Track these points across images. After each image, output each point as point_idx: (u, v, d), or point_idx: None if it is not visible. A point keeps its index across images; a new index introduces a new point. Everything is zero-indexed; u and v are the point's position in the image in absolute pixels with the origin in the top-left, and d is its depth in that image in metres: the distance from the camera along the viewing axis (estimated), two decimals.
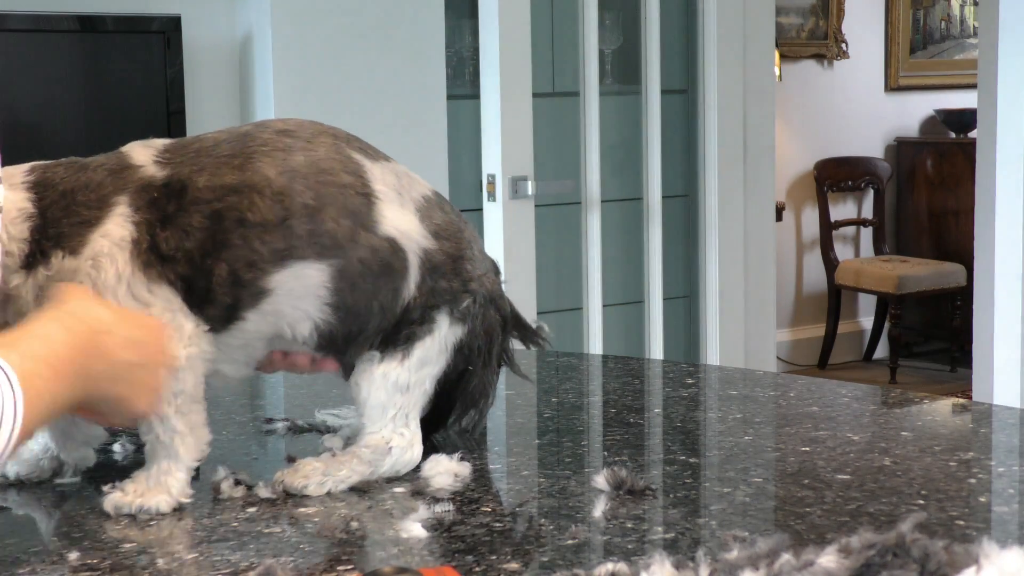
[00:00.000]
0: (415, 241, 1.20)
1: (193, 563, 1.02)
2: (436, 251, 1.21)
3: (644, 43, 3.66)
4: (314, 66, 3.30)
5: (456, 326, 1.23)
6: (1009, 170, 3.24)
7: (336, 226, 1.15)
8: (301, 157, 1.16)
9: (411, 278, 1.20)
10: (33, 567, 1.01)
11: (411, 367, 1.21)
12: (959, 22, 6.68)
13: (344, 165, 1.18)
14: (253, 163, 1.15)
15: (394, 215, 1.18)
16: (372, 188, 1.18)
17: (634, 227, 3.79)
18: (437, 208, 1.24)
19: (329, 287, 1.16)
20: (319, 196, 1.15)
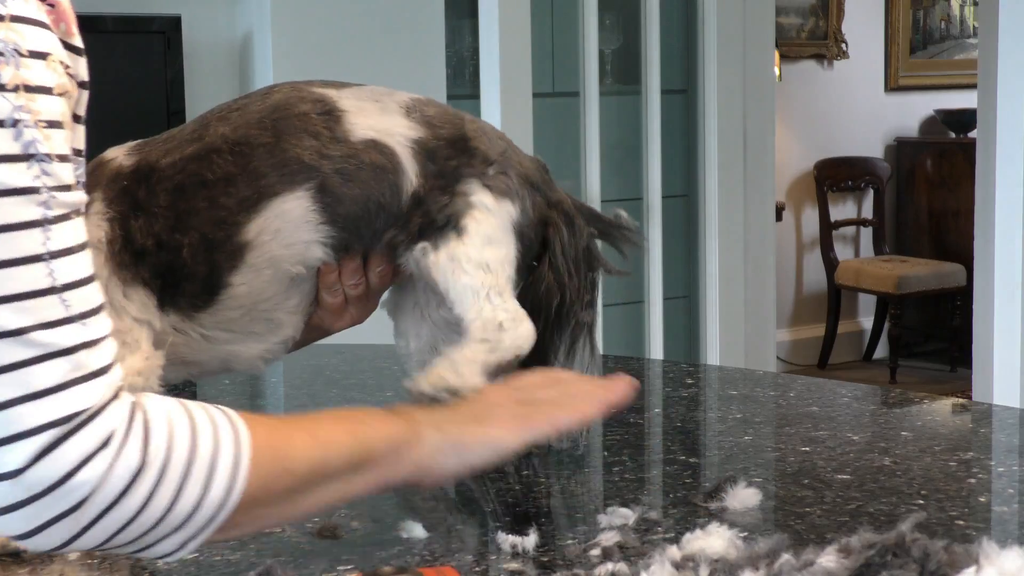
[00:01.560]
0: (400, 135, 1.14)
1: (193, 563, 1.02)
2: (430, 137, 1.15)
3: (644, 43, 3.66)
4: (314, 66, 3.30)
5: (503, 201, 1.14)
6: (1009, 170, 3.24)
7: (300, 150, 1.11)
8: (256, 106, 1.14)
9: (408, 170, 1.13)
10: (33, 567, 1.01)
11: (475, 243, 1.13)
12: (959, 22, 6.68)
13: (301, 98, 1.14)
14: (210, 129, 1.13)
15: (367, 120, 1.13)
16: (336, 106, 1.14)
17: None
18: (429, 105, 1.18)
19: (315, 208, 1.11)
20: (277, 131, 1.12)
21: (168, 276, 1.10)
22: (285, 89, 1.16)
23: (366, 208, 1.12)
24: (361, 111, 1.14)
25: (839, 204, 6.37)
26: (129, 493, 0.82)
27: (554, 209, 1.18)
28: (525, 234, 1.15)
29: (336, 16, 3.32)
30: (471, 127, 1.19)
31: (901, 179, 6.52)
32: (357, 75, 3.38)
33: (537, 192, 1.17)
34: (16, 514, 0.80)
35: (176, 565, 1.01)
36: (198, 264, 1.10)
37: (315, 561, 1.01)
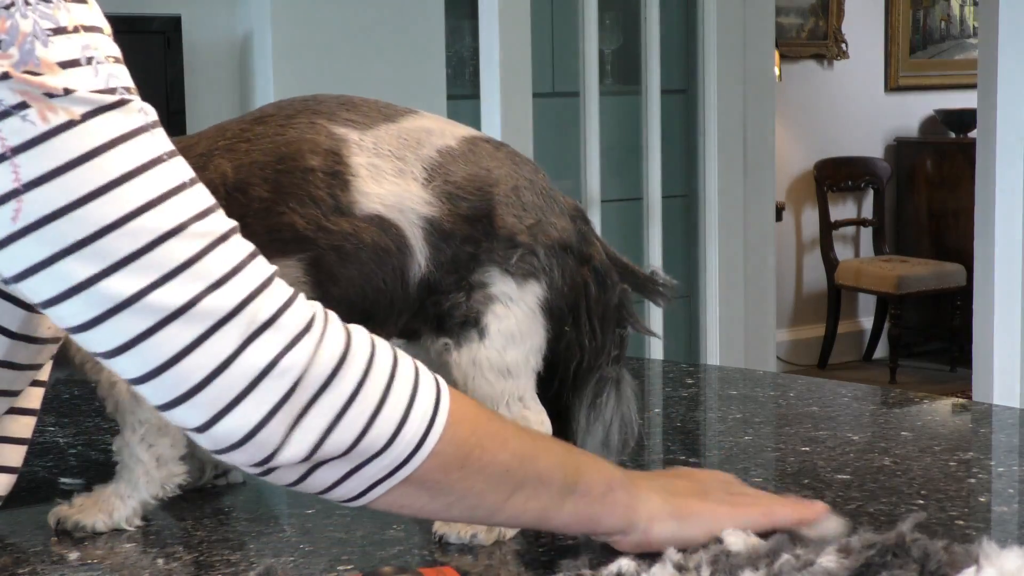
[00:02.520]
0: (412, 211, 1.05)
1: (193, 563, 1.02)
2: (446, 216, 1.05)
3: (644, 43, 3.66)
4: (314, 66, 3.30)
5: (528, 284, 1.07)
6: (1009, 170, 3.24)
7: (296, 217, 1.05)
8: (266, 145, 1.07)
9: (417, 253, 1.06)
10: (33, 567, 1.01)
11: (496, 345, 1.06)
12: (959, 22, 6.68)
13: (315, 145, 1.06)
14: (213, 161, 1.07)
15: (380, 188, 1.05)
16: (349, 165, 1.05)
17: (634, 227, 3.79)
18: (460, 160, 1.08)
19: (306, 282, 1.05)
20: (277, 187, 1.05)
21: None
22: (302, 124, 1.08)
23: (363, 292, 1.06)
24: (374, 175, 1.06)
25: (839, 204, 6.37)
26: (338, 377, 0.83)
27: (585, 266, 1.11)
28: (555, 307, 1.08)
29: (336, 16, 3.32)
30: (502, 192, 1.07)
31: (901, 179, 6.52)
32: (357, 75, 3.40)
33: (570, 255, 1.09)
34: (238, 409, 0.80)
35: (176, 565, 1.01)
36: None
37: (315, 561, 1.01)
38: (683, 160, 3.93)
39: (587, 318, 1.11)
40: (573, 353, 1.11)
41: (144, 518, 1.12)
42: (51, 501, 1.19)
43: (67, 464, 1.30)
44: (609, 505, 0.94)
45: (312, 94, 1.13)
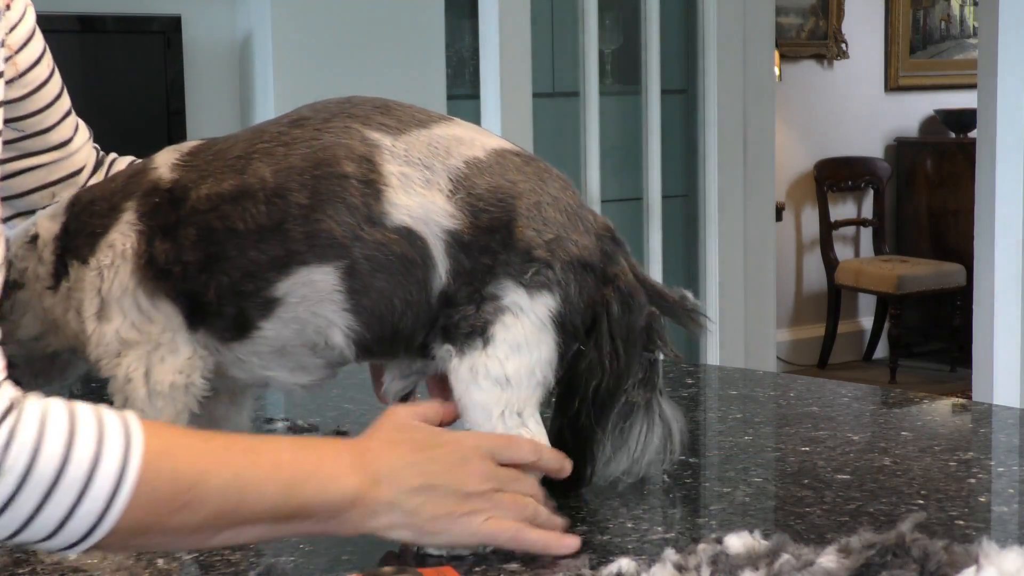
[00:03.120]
0: (436, 224, 1.05)
1: (193, 563, 1.02)
2: (467, 228, 1.05)
3: (644, 43, 3.66)
4: (314, 66, 3.30)
5: (540, 295, 1.05)
6: (1009, 170, 3.24)
7: (334, 224, 1.05)
8: (303, 150, 1.08)
9: (439, 266, 1.06)
10: (33, 567, 1.01)
11: (500, 354, 1.05)
12: (959, 22, 6.68)
13: (350, 151, 1.06)
14: (252, 164, 1.08)
15: (408, 200, 1.05)
16: (382, 173, 1.05)
17: (634, 227, 3.79)
18: (486, 172, 1.08)
19: (341, 289, 1.06)
20: (315, 193, 1.06)
21: (197, 304, 1.09)
22: (338, 128, 1.08)
23: (392, 304, 1.07)
24: (404, 184, 1.06)
25: (839, 204, 6.37)
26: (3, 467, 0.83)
27: (609, 285, 1.09)
28: (568, 323, 1.06)
29: (336, 16, 3.32)
30: (523, 206, 1.07)
31: (901, 179, 6.52)
32: (357, 75, 3.39)
33: (590, 273, 1.08)
34: None
35: (176, 565, 1.01)
36: (225, 305, 1.08)
37: (315, 561, 1.00)
38: (683, 160, 3.93)
39: (609, 338, 1.09)
40: (594, 373, 1.09)
41: None
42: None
43: None
44: (336, 525, 0.95)
45: (348, 96, 1.13)
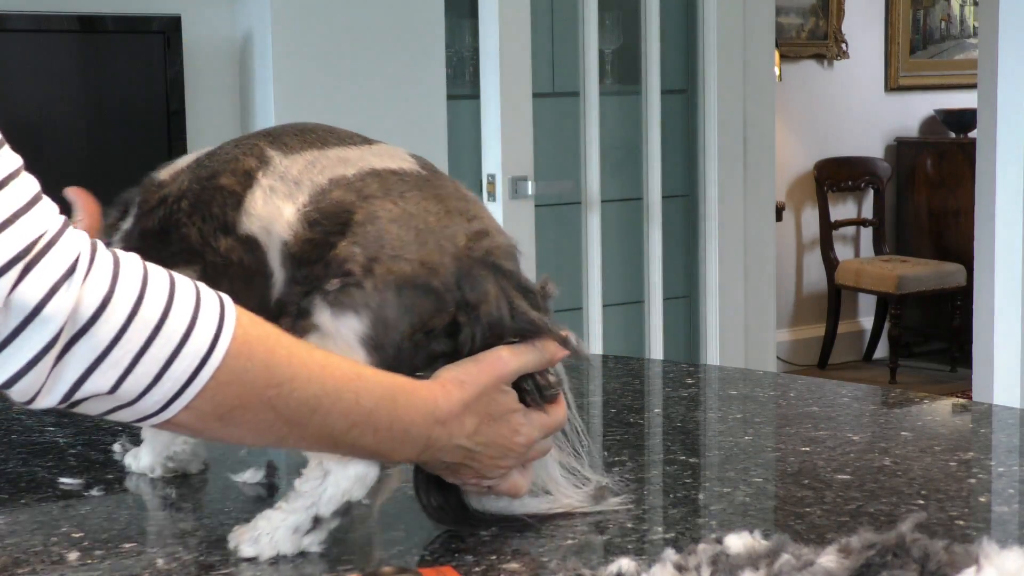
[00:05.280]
0: (277, 235, 1.04)
1: (193, 563, 1.02)
2: (299, 239, 1.03)
3: (644, 43, 3.66)
4: (314, 66, 3.30)
5: (343, 317, 1.00)
6: (1009, 170, 3.24)
7: (194, 231, 1.08)
8: (214, 164, 1.10)
9: (276, 275, 1.05)
10: (33, 567, 1.01)
11: None
12: (959, 22, 6.68)
13: (237, 165, 1.08)
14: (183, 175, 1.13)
15: (264, 208, 1.05)
16: (251, 186, 1.06)
17: (634, 227, 3.79)
18: (341, 188, 1.04)
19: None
20: (194, 202, 1.09)
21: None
22: (248, 144, 1.10)
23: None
24: (266, 196, 1.05)
25: (839, 204, 6.37)
26: (99, 321, 0.84)
27: (465, 312, 1.01)
28: (386, 347, 1.00)
29: (336, 16, 3.32)
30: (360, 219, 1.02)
31: (901, 179, 6.52)
32: (357, 75, 3.39)
33: (428, 296, 1.00)
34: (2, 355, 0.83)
35: (176, 565, 1.01)
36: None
37: (315, 561, 1.01)
38: (683, 160, 3.93)
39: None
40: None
41: (145, 518, 1.12)
42: (51, 501, 1.19)
43: (67, 464, 1.30)
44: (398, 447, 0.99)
45: (315, 122, 1.15)
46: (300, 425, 0.93)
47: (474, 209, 1.06)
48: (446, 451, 1.01)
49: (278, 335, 0.93)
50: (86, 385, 0.85)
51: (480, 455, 1.02)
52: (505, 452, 1.04)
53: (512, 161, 3.20)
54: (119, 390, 0.86)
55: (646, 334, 3.75)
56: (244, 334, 0.90)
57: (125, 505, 1.18)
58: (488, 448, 1.02)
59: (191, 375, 0.87)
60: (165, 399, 0.88)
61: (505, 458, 1.04)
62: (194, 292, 0.89)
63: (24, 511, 1.17)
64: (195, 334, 0.87)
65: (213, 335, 0.88)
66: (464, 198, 1.07)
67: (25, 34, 3.00)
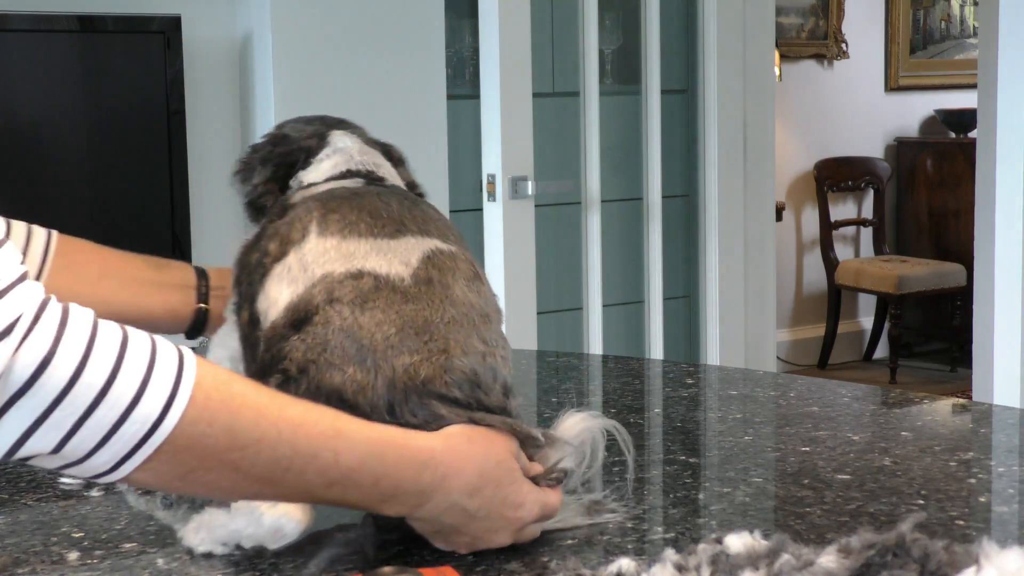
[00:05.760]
0: (269, 319, 1.08)
1: (193, 563, 1.02)
2: (273, 326, 1.07)
3: (644, 43, 3.66)
4: (314, 66, 3.30)
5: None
6: (1009, 170, 3.24)
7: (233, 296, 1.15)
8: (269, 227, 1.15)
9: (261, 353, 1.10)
10: (33, 567, 1.01)
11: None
12: (959, 22, 6.68)
13: (285, 232, 1.12)
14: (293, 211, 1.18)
15: (273, 291, 1.09)
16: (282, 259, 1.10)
17: (634, 227, 3.79)
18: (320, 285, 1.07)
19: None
20: (238, 269, 1.15)
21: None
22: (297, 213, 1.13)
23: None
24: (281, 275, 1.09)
25: (839, 204, 6.37)
26: (38, 383, 0.81)
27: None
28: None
29: (336, 16, 3.32)
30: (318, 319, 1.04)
31: (901, 179, 6.52)
32: (357, 75, 3.39)
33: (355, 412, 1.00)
34: None
35: (176, 565, 1.01)
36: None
37: (315, 561, 1.00)
38: (683, 160, 3.92)
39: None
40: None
41: (145, 518, 1.12)
42: (51, 501, 1.19)
43: None
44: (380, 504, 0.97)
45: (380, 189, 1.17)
46: (272, 484, 0.92)
47: (447, 331, 1.04)
48: (442, 510, 0.98)
49: (245, 393, 0.90)
50: (28, 444, 0.83)
51: (477, 523, 0.99)
52: (502, 525, 1.00)
53: (512, 161, 3.20)
54: (63, 451, 0.84)
55: (646, 334, 3.75)
56: (204, 398, 0.87)
57: (125, 505, 1.18)
58: (487, 519, 0.99)
59: (140, 440, 0.85)
60: (114, 460, 0.85)
61: (500, 532, 1.01)
62: (148, 353, 0.86)
63: (24, 511, 1.17)
64: (145, 399, 0.84)
65: (165, 401, 0.85)
66: (443, 319, 1.05)
67: (25, 34, 3.00)
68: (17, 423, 0.82)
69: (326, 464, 0.92)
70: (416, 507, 0.97)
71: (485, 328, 1.07)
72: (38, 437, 0.83)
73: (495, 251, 3.20)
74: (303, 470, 0.91)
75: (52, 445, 0.83)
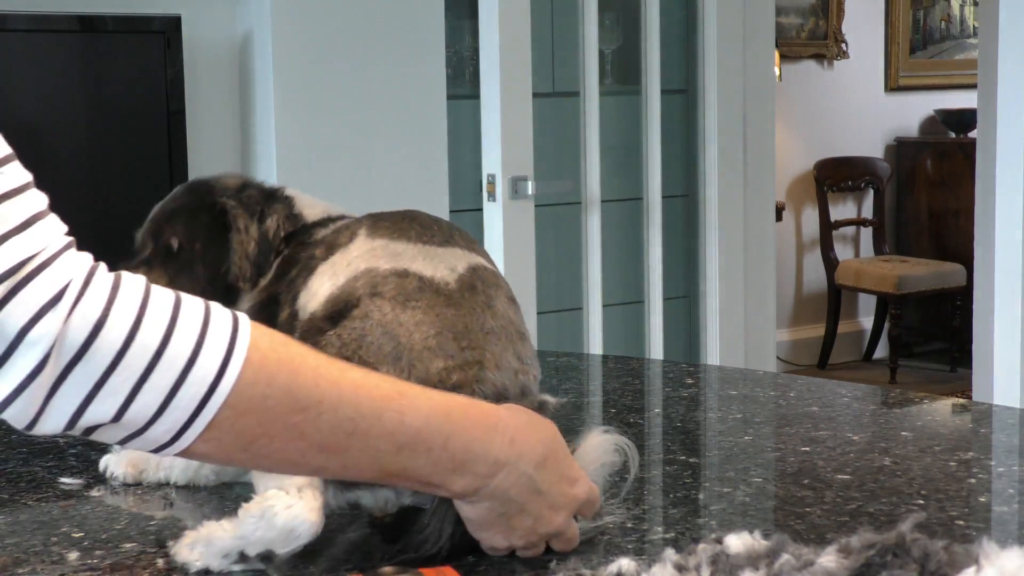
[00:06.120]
0: (308, 311, 1.10)
1: None
2: (311, 317, 1.09)
3: (644, 43, 3.66)
4: (314, 66, 3.30)
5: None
6: (1009, 170, 3.23)
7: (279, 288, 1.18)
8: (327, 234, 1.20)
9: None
10: (33, 567, 1.01)
11: None
12: (959, 22, 6.68)
13: (332, 239, 1.16)
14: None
15: (316, 284, 1.11)
16: (328, 258, 1.13)
17: (634, 227, 3.79)
18: (368, 280, 1.08)
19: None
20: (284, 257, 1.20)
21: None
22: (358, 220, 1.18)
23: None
24: (325, 271, 1.12)
25: (839, 204, 6.37)
26: (93, 347, 0.80)
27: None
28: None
29: (336, 16, 3.32)
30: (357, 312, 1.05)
31: (901, 179, 6.52)
32: (357, 75, 3.39)
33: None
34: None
35: (178, 564, 1.01)
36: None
37: (315, 561, 1.00)
38: (683, 160, 3.92)
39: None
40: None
41: (145, 518, 1.12)
42: (51, 501, 1.19)
43: (67, 464, 1.30)
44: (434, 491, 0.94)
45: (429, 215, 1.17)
46: (338, 452, 0.88)
47: (485, 341, 1.05)
48: (512, 482, 0.93)
49: (304, 355, 0.88)
50: (87, 414, 0.81)
51: (540, 500, 0.95)
52: (563, 502, 0.97)
53: (512, 161, 3.20)
54: (123, 418, 0.82)
55: (646, 334, 3.75)
56: (261, 358, 0.84)
57: (125, 505, 1.18)
58: (548, 494, 0.95)
59: (200, 403, 0.83)
60: (175, 428, 0.83)
61: (560, 511, 0.97)
62: (202, 315, 0.84)
63: (24, 511, 1.17)
64: (201, 359, 0.82)
65: (222, 360, 0.83)
66: (483, 328, 1.05)
67: (25, 34, 3.00)
68: (75, 390, 0.80)
69: (392, 425, 0.88)
70: (488, 477, 0.92)
71: (521, 345, 1.08)
72: (97, 405, 0.81)
73: (495, 251, 3.20)
74: (368, 432, 0.87)
75: (112, 413, 0.81)
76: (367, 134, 3.31)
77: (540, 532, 0.97)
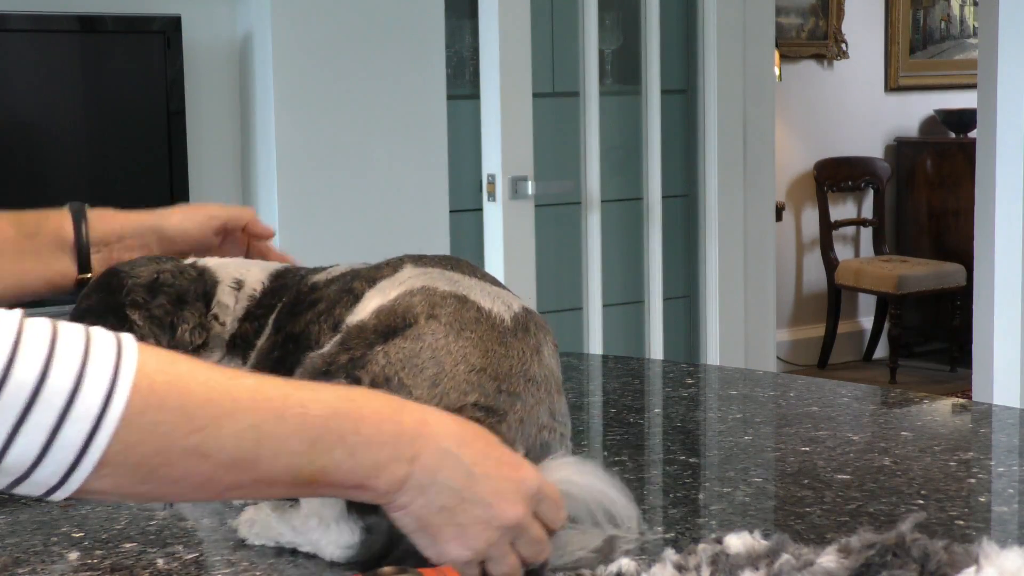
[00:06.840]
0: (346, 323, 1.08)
1: (193, 563, 1.02)
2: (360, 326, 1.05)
3: (644, 43, 3.66)
4: (314, 66, 3.30)
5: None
6: (1009, 170, 3.23)
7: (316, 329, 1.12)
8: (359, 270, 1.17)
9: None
10: (33, 567, 1.01)
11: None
12: (959, 22, 6.68)
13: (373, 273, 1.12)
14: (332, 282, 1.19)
15: (363, 307, 1.08)
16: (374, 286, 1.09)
17: (634, 227, 3.79)
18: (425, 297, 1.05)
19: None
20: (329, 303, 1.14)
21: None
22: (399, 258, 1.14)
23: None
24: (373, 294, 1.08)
25: (839, 204, 6.37)
26: None
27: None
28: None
29: (336, 16, 3.32)
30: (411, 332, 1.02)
31: (901, 179, 6.52)
32: (357, 75, 3.39)
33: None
34: None
35: (176, 565, 1.01)
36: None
37: (315, 561, 1.00)
38: (683, 160, 3.92)
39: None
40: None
41: (145, 518, 1.12)
42: (50, 501, 1.19)
43: None
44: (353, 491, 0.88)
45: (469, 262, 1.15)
46: (247, 466, 0.82)
47: (523, 389, 1.02)
48: (436, 459, 0.87)
49: (193, 371, 0.82)
50: None
51: (482, 485, 0.88)
52: (510, 487, 0.89)
53: (512, 161, 3.20)
54: (3, 463, 0.76)
55: (646, 334, 3.75)
56: (149, 383, 0.79)
57: (125, 505, 1.18)
58: (488, 478, 0.88)
59: (86, 440, 0.77)
60: (62, 469, 0.77)
61: (510, 497, 0.89)
62: (82, 344, 0.78)
63: (24, 511, 1.17)
64: (83, 393, 0.77)
65: (106, 391, 0.77)
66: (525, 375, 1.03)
67: (25, 34, 3.00)
68: None
69: (297, 421, 0.83)
70: (410, 462, 0.86)
71: (558, 401, 1.06)
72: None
73: (495, 251, 3.20)
74: (273, 435, 0.82)
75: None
76: (367, 134, 3.31)
77: (496, 526, 0.88)
